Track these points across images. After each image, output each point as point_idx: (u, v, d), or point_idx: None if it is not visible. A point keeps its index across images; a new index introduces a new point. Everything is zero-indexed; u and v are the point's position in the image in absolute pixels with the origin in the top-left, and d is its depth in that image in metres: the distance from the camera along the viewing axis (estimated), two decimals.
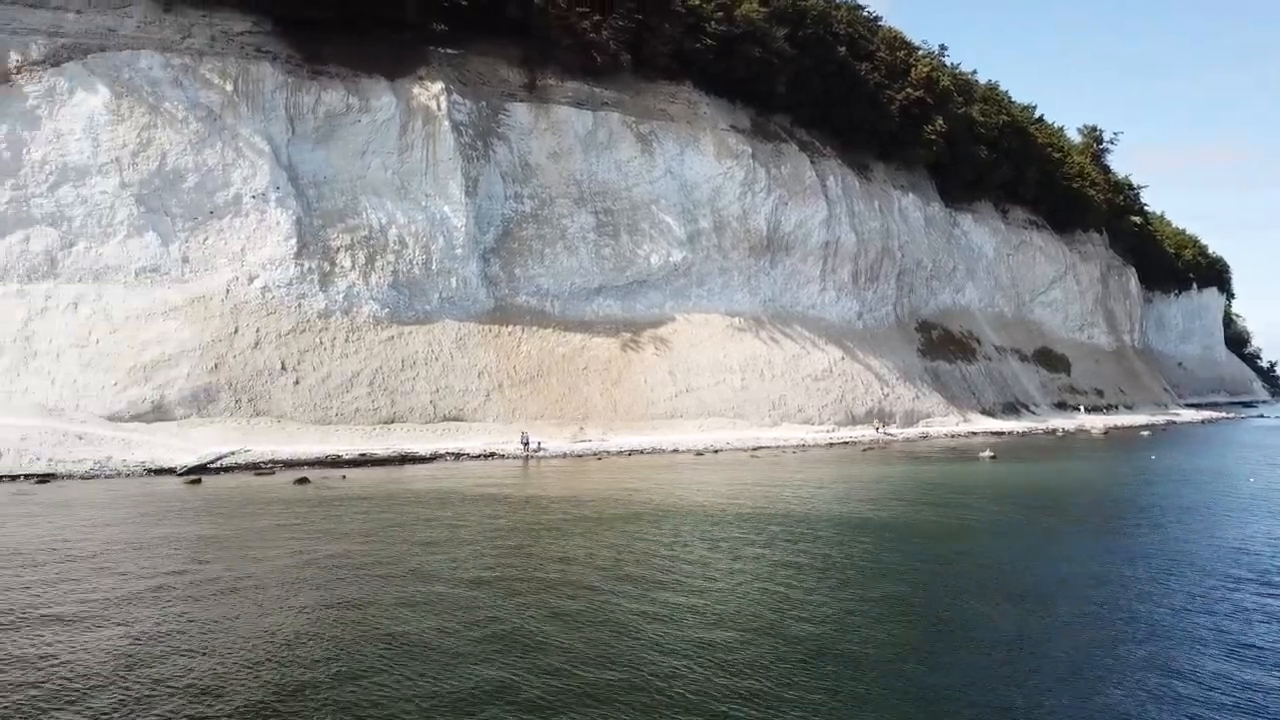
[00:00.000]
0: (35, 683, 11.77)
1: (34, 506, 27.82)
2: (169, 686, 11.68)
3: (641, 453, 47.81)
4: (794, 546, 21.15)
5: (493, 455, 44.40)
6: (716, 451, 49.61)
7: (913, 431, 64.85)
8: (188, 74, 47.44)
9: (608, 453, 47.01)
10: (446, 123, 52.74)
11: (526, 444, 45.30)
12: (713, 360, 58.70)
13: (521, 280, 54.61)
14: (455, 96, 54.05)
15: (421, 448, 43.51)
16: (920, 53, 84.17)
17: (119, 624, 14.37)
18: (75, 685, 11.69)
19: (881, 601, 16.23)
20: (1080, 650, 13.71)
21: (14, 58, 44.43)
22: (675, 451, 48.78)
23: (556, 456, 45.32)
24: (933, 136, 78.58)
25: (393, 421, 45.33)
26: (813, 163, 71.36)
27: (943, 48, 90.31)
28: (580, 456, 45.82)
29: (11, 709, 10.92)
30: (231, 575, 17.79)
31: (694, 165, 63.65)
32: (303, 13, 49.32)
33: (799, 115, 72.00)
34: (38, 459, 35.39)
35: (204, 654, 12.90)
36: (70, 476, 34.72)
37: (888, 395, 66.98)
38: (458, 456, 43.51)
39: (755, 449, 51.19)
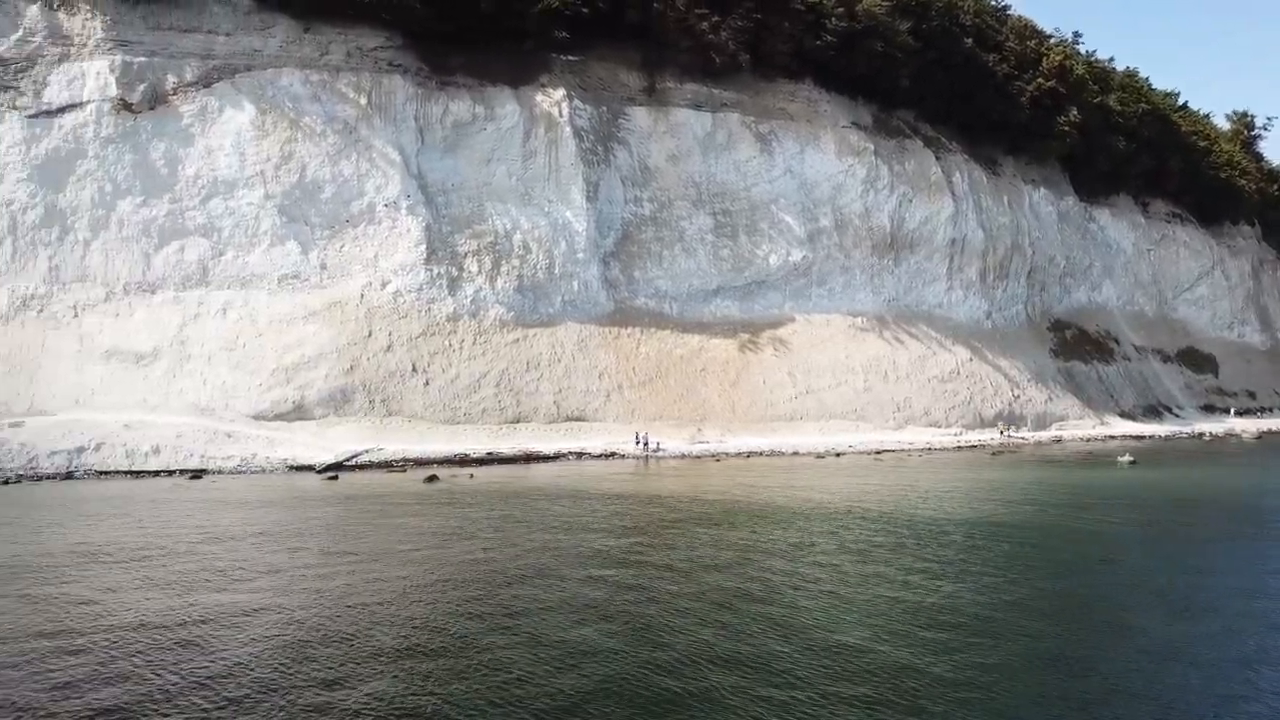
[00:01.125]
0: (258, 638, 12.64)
1: (195, 498, 29.69)
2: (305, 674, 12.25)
3: (760, 454, 47.61)
4: (925, 550, 20.71)
5: (613, 455, 45.02)
6: (838, 455, 48.93)
7: (1045, 435, 62.48)
8: (325, 89, 49.83)
9: (726, 454, 47.02)
10: (568, 129, 53.82)
11: (646, 444, 45.79)
12: (834, 361, 57.98)
13: (640, 283, 55.21)
14: (576, 102, 55.10)
15: (545, 447, 44.50)
16: (1052, 41, 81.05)
17: (273, 602, 15.20)
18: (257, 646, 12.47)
19: (1019, 607, 15.73)
20: (1231, 664, 13.06)
21: (171, 80, 47.58)
22: (795, 454, 48.35)
23: (675, 457, 45.63)
24: (1066, 128, 75.45)
25: (518, 421, 46.52)
26: (938, 158, 69.61)
27: (1077, 35, 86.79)
28: (698, 458, 45.99)
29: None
30: (369, 564, 18.55)
31: (814, 163, 63.02)
32: (432, 27, 51.14)
33: (923, 110, 70.38)
34: (191, 455, 37.84)
35: (353, 628, 13.47)
36: (220, 472, 36.97)
37: (1018, 397, 64.75)
38: (580, 456, 44.30)
39: (879, 452, 50.27)
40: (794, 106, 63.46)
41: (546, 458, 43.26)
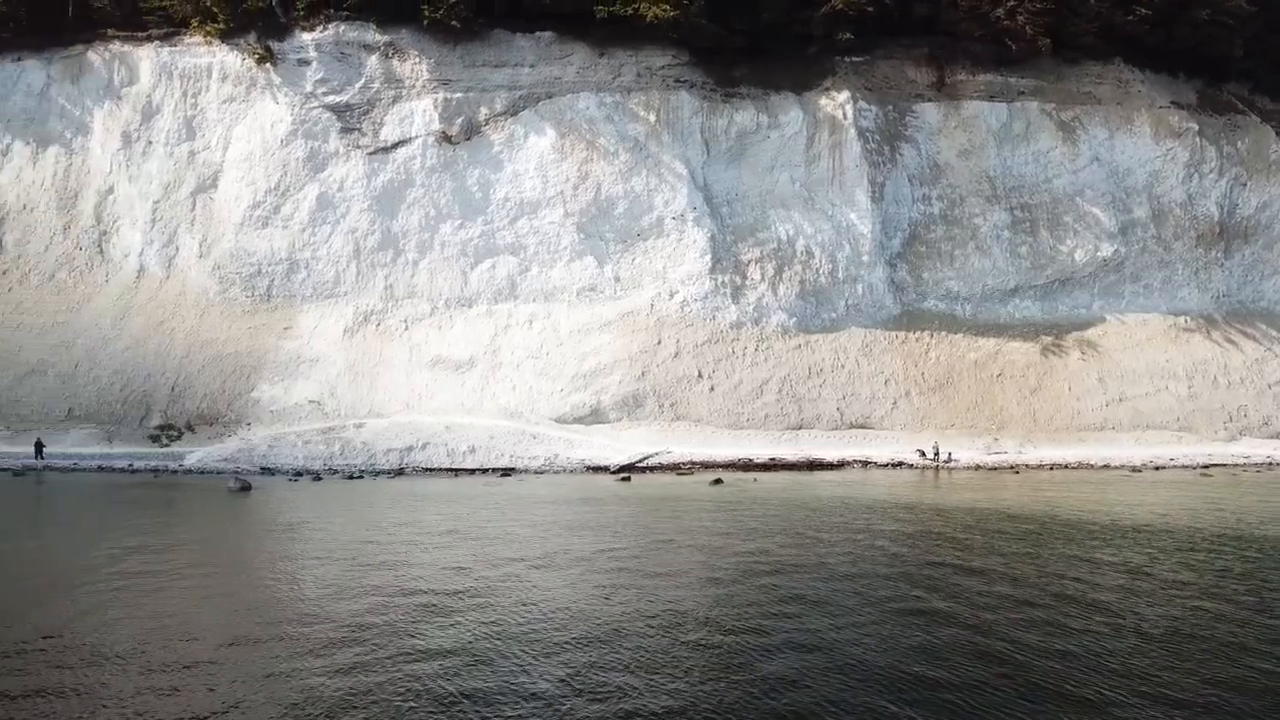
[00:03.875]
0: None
1: (511, 493, 32.60)
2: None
3: (1065, 467, 44.41)
4: None
5: (900, 464, 43.95)
6: (1157, 468, 44.52)
7: None
8: (618, 109, 52.70)
9: (1025, 465, 44.33)
10: (852, 130, 53.18)
11: (937, 454, 44.27)
12: (1151, 365, 52.85)
13: (930, 284, 53.38)
14: (861, 103, 54.30)
15: (829, 454, 44.30)
16: None
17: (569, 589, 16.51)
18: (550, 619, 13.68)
19: None
20: None
21: (483, 112, 52.44)
22: (1105, 467, 44.59)
23: (967, 468, 43.72)
24: None
25: (800, 428, 46.69)
26: (1279, 135, 61.40)
27: None
28: (994, 469, 43.74)
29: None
30: (666, 559, 19.37)
31: (1126, 149, 57.77)
32: (718, 41, 52.49)
33: (1260, 82, 62.30)
34: (502, 455, 41.57)
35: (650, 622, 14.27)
36: (526, 471, 40.30)
37: None
38: (865, 464, 43.67)
39: (1206, 466, 45.17)
40: (1102, 89, 58.53)
41: (830, 465, 43.06)
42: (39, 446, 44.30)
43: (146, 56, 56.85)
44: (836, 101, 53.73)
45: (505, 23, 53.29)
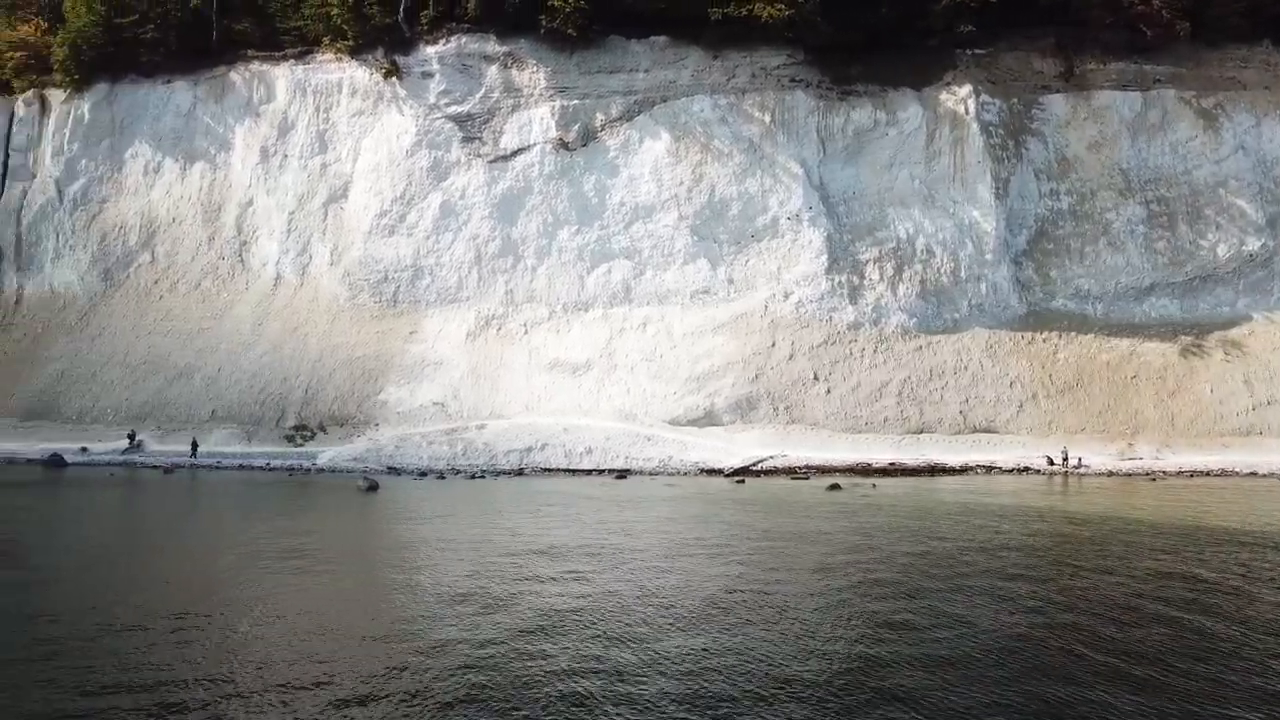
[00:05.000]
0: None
1: (632, 494, 33.00)
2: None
3: (1207, 474, 41.98)
4: None
5: (1026, 470, 42.44)
6: None
7: None
8: (732, 111, 52.60)
9: (1163, 472, 42.11)
10: (974, 125, 51.64)
11: (1066, 459, 42.55)
12: None
13: (1058, 283, 51.29)
14: (984, 97, 52.68)
15: (951, 459, 43.14)
16: None
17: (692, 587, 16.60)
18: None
19: None
20: None
21: (599, 118, 53.17)
22: (1253, 474, 41.95)
23: (1099, 474, 41.85)
24: None
25: (921, 431, 45.59)
26: None
27: None
28: (1128, 475, 41.73)
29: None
30: (786, 564, 19.23)
31: (1275, 137, 54.21)
32: (834, 39, 51.75)
33: None
34: (617, 456, 42.06)
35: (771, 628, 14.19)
36: (641, 472, 40.66)
37: None
38: (989, 470, 42.35)
39: None
40: (1247, 74, 55.10)
41: (952, 470, 41.92)
42: (194, 446, 47.32)
43: (282, 75, 59.90)
44: (958, 96, 52.26)
45: (620, 29, 53.85)
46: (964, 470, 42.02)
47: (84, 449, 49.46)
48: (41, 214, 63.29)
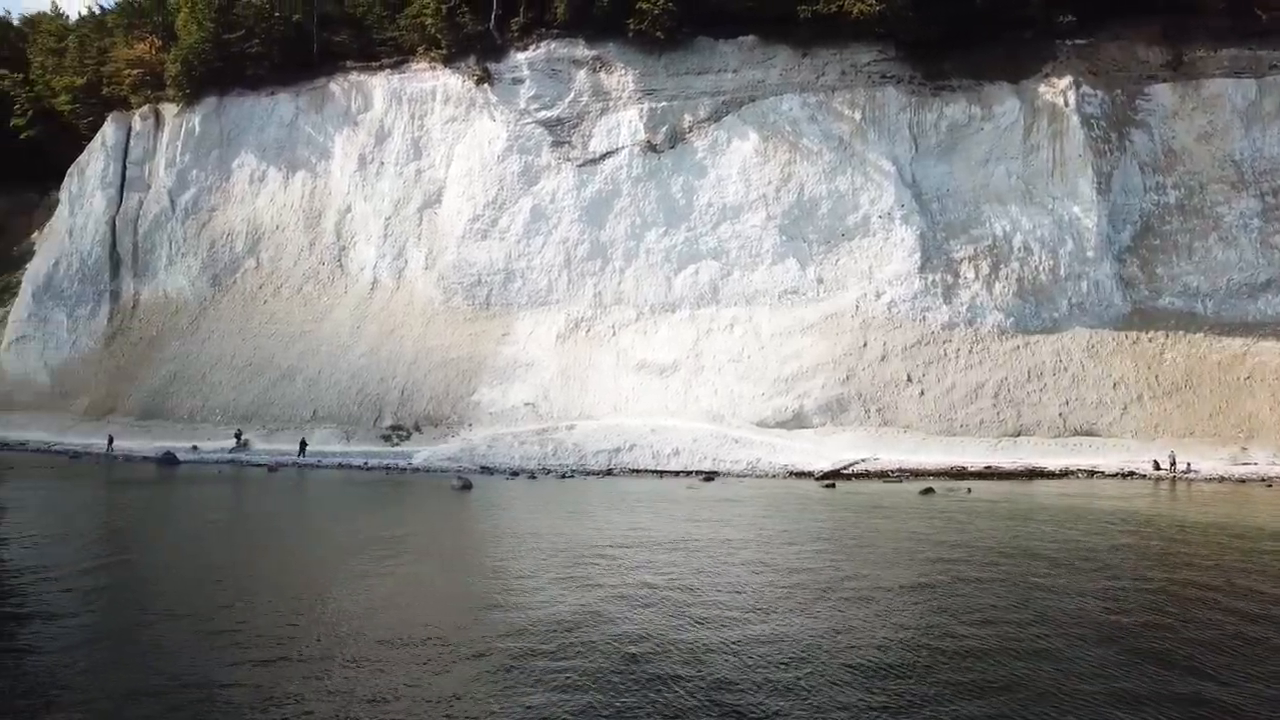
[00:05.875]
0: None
1: (721, 496, 33.01)
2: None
3: None
4: None
5: (1131, 474, 40.82)
6: None
7: None
8: (821, 109, 52.03)
9: None
10: (1075, 118, 49.95)
11: (1173, 463, 40.81)
12: None
13: (1164, 280, 49.19)
14: (1084, 89, 50.88)
15: (1050, 462, 41.81)
16: None
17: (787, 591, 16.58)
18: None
19: None
20: None
21: (687, 119, 53.25)
22: None
23: (1209, 480, 40.02)
24: None
25: (1018, 434, 44.30)
26: None
27: None
28: (1241, 481, 39.75)
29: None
30: (880, 569, 18.95)
31: None
32: (926, 33, 50.74)
33: None
34: (705, 458, 42.03)
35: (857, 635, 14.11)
36: (729, 475, 40.54)
37: None
38: (1091, 474, 40.87)
39: None
40: None
41: (1051, 474, 40.60)
42: (302, 445, 49.18)
43: (379, 84, 61.69)
44: (1057, 88, 50.63)
45: (708, 29, 53.80)
46: (1064, 474, 40.66)
47: (195, 448, 51.80)
48: (156, 223, 66.55)
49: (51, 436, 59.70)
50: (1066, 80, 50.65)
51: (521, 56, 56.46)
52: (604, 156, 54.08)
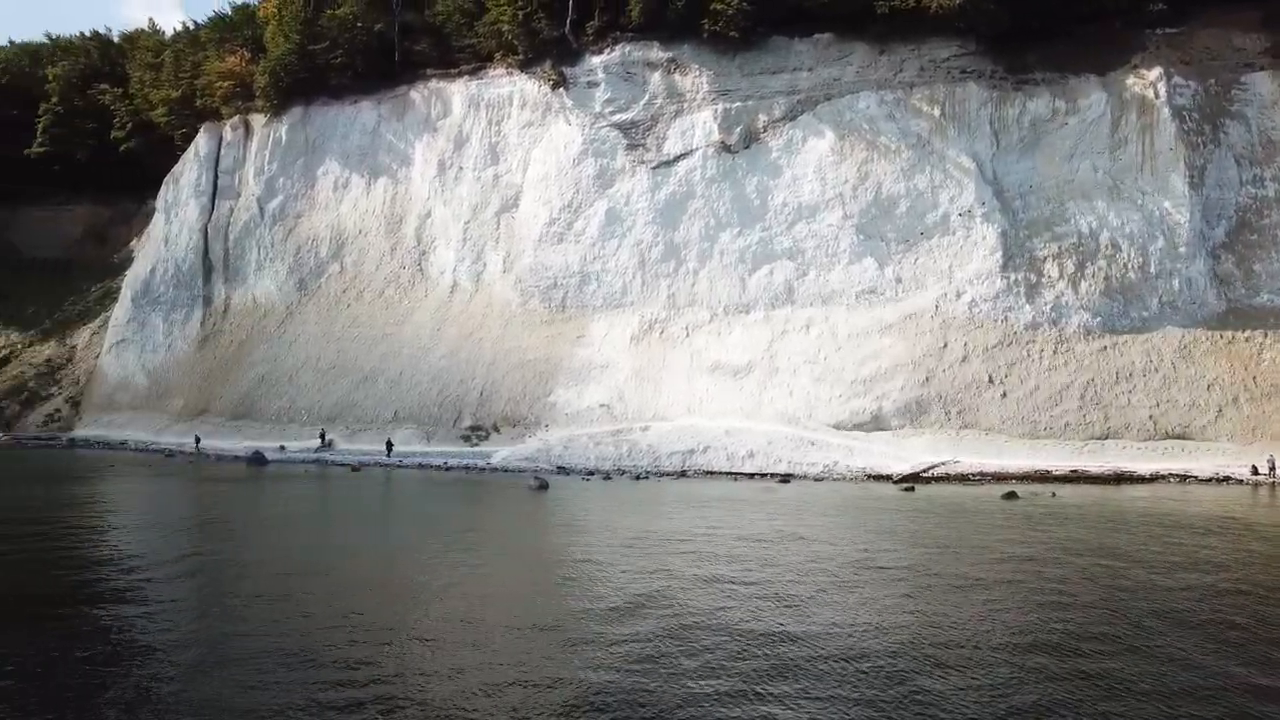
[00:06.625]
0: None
1: (799, 499, 32.82)
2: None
3: None
4: None
5: (1227, 479, 39.19)
6: None
7: None
8: (899, 106, 51.21)
9: None
10: (1165, 110, 48.20)
11: (1273, 468, 39.08)
12: None
13: (1262, 277, 47.06)
14: (1176, 79, 49.06)
15: (1139, 466, 40.39)
16: None
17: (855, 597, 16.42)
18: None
19: None
20: None
21: (762, 119, 52.97)
22: None
23: None
24: None
25: (1106, 437, 42.91)
26: None
27: None
28: None
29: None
30: (966, 574, 18.55)
31: None
32: (1009, 26, 49.52)
33: None
34: (780, 461, 41.72)
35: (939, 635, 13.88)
36: (804, 477, 40.16)
37: None
38: (1183, 479, 39.34)
39: None
40: None
41: (1141, 479, 39.21)
42: (389, 445, 50.44)
43: (458, 91, 62.81)
44: (1146, 80, 48.91)
45: (783, 28, 53.42)
46: (1154, 479, 39.23)
47: (282, 447, 53.50)
48: (245, 230, 68.89)
49: (149, 436, 62.40)
50: (1157, 71, 48.92)
51: (596, 60, 56.88)
52: (678, 158, 54.13)
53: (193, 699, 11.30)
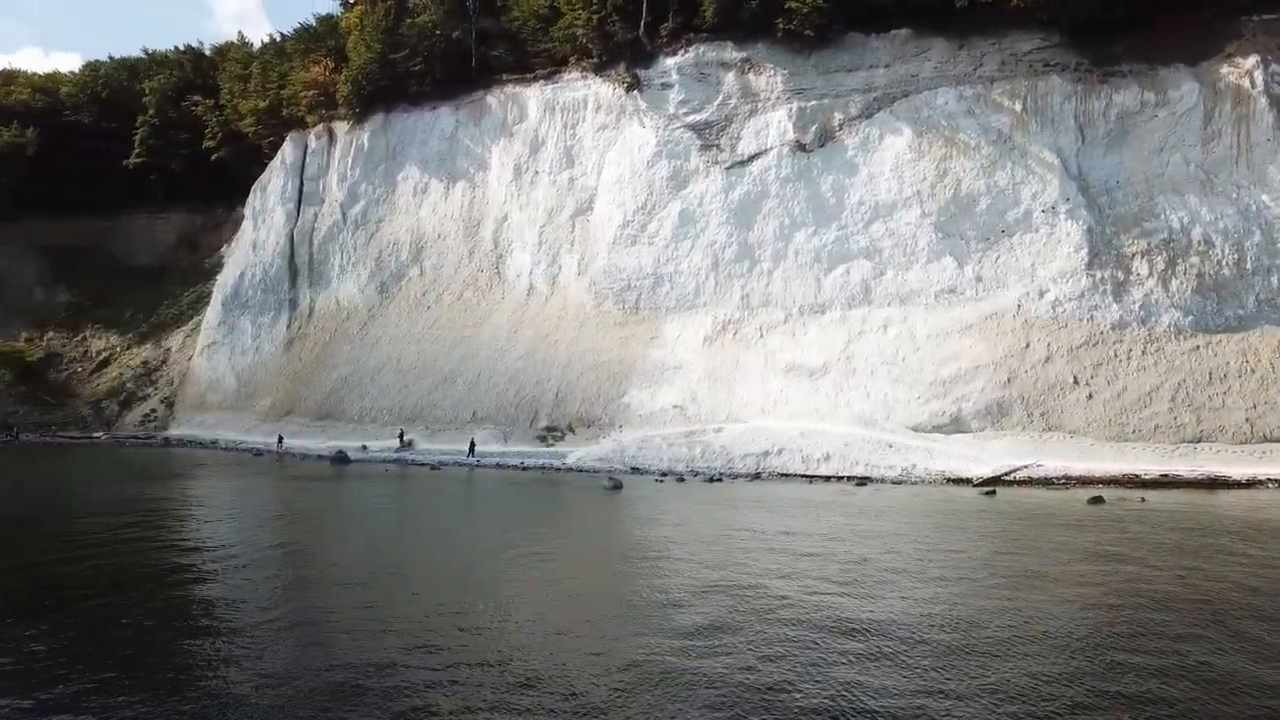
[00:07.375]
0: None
1: (871, 504, 32.42)
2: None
3: None
4: None
5: None
6: None
7: None
8: (979, 102, 50.14)
9: None
10: (1262, 100, 46.25)
11: None
12: None
13: None
14: (1274, 68, 46.99)
15: (1235, 471, 38.77)
16: None
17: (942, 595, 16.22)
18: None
19: None
20: None
21: (838, 117, 52.41)
22: None
23: None
24: None
25: (1198, 440, 41.31)
26: None
27: None
28: None
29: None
30: (1051, 580, 18.22)
31: None
32: (1095, 16, 48.10)
33: None
34: (856, 463, 41.17)
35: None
36: (882, 480, 39.56)
37: None
38: None
39: None
40: None
41: (1236, 484, 37.64)
42: (472, 445, 51.34)
43: (533, 95, 63.59)
44: (1241, 69, 46.99)
45: (859, 25, 52.77)
46: (1251, 484, 37.62)
47: (364, 447, 54.86)
48: (329, 234, 70.84)
49: (238, 435, 64.62)
50: (1253, 60, 46.95)
51: (670, 62, 56.98)
52: (752, 158, 53.88)
53: (269, 670, 12.45)
